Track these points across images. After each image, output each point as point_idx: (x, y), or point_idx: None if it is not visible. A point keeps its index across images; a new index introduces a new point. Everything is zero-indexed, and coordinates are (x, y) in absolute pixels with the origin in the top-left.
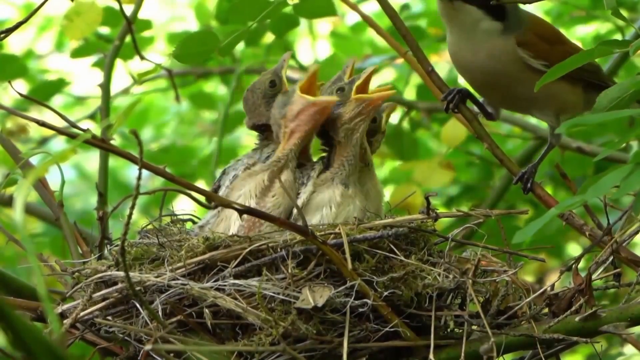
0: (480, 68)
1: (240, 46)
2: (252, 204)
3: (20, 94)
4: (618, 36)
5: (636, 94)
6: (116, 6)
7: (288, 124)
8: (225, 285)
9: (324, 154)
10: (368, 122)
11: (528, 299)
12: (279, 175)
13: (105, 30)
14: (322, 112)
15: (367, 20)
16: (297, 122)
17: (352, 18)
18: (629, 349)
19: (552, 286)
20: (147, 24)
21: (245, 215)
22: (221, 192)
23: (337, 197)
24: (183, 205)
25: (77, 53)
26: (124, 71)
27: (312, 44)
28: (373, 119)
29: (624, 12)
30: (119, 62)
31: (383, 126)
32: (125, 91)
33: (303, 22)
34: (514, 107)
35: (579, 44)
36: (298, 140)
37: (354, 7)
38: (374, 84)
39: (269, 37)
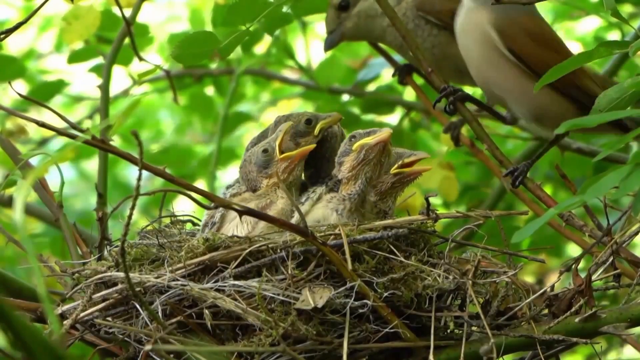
0: (459, 41)
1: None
2: (248, 228)
3: (20, 95)
4: (617, 33)
5: (636, 95)
6: (114, 10)
7: (271, 179)
8: (225, 286)
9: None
10: (372, 170)
11: (528, 300)
12: (270, 205)
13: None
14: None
15: None
16: (282, 175)
17: None
18: (628, 349)
19: (552, 287)
20: (144, 29)
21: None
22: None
23: (331, 216)
24: (183, 205)
25: (74, 58)
26: (123, 73)
27: (306, 45)
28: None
29: (629, 7)
30: (117, 65)
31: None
32: (125, 92)
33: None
34: (492, 95)
35: (579, 45)
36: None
37: None
38: None
39: (267, 40)
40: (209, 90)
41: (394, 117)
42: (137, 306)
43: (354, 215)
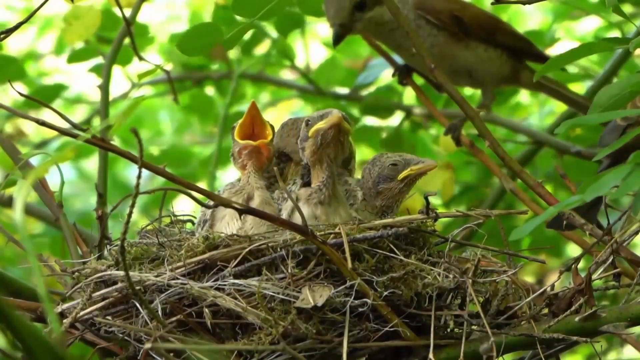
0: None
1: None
2: (236, 225)
3: (21, 94)
4: (617, 33)
5: (635, 93)
6: (114, 10)
7: (237, 159)
8: (225, 285)
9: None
10: (334, 150)
11: (528, 299)
12: (249, 201)
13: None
14: (260, 150)
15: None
16: (242, 158)
17: None
18: (628, 350)
19: (552, 286)
20: (144, 29)
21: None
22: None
23: (317, 211)
24: (183, 205)
25: (74, 58)
26: (122, 76)
27: (305, 47)
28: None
29: (629, 7)
30: (117, 66)
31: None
32: (124, 95)
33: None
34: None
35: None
36: (252, 168)
37: None
38: None
39: (267, 43)
40: (209, 91)
41: (394, 118)
42: (137, 305)
43: (334, 198)
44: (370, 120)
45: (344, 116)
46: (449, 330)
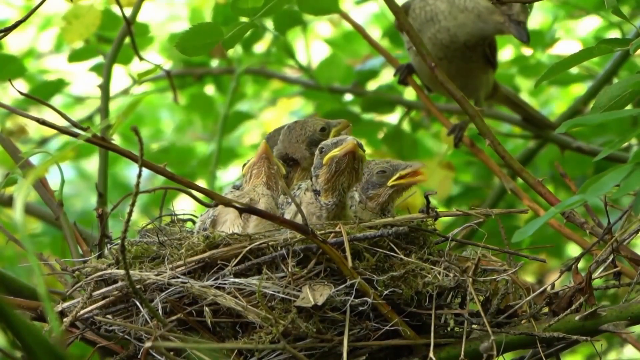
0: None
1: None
2: (238, 229)
3: (21, 93)
4: (617, 33)
5: (635, 93)
6: (114, 9)
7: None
8: (225, 284)
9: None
10: (347, 179)
11: (528, 298)
12: (252, 204)
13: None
14: (269, 158)
15: (359, 30)
16: (252, 178)
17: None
18: (629, 350)
19: (552, 285)
20: (145, 28)
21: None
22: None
23: (312, 219)
24: (183, 205)
25: (74, 57)
26: (123, 73)
27: (306, 44)
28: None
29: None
30: (118, 65)
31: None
32: (125, 92)
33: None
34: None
35: (580, 45)
36: (261, 181)
37: (346, 17)
38: None
39: (267, 40)
40: (209, 90)
41: (394, 116)
42: (138, 303)
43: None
44: (370, 117)
45: (358, 143)
46: (449, 329)
